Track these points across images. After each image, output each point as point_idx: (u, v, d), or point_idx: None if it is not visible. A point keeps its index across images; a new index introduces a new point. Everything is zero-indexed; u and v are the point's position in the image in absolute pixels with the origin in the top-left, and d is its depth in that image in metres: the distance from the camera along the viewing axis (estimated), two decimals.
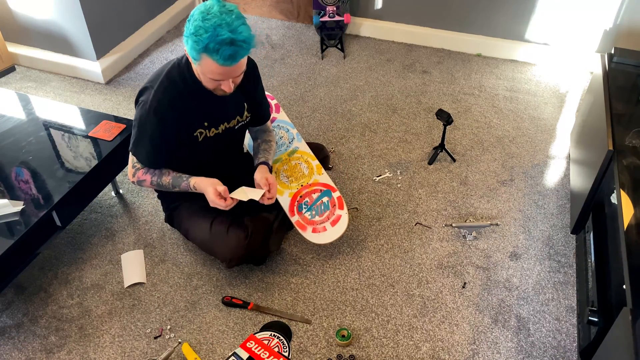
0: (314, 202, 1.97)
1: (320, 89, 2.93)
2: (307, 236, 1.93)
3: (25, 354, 1.74)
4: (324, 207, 1.97)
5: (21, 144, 2.02)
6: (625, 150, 1.73)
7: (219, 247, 1.85)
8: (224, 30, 1.48)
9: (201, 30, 1.49)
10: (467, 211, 2.22)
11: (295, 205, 1.96)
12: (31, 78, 3.00)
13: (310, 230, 1.93)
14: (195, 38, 1.50)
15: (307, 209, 1.96)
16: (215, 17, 1.49)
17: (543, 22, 2.96)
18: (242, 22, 1.52)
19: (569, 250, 2.05)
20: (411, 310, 1.85)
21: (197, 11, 1.52)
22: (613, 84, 2.03)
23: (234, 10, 1.53)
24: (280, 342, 1.72)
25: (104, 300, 1.90)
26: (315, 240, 1.93)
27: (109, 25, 2.95)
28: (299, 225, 1.94)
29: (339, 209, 1.97)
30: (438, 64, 3.11)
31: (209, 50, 1.50)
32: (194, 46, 1.52)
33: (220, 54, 1.50)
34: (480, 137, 2.59)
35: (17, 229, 1.71)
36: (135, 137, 1.74)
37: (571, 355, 1.73)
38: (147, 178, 1.79)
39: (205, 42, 1.49)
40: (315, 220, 1.95)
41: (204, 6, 1.52)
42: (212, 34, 1.48)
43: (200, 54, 1.53)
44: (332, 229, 1.94)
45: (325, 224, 1.95)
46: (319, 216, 1.95)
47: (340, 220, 1.95)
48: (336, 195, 1.99)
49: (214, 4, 1.51)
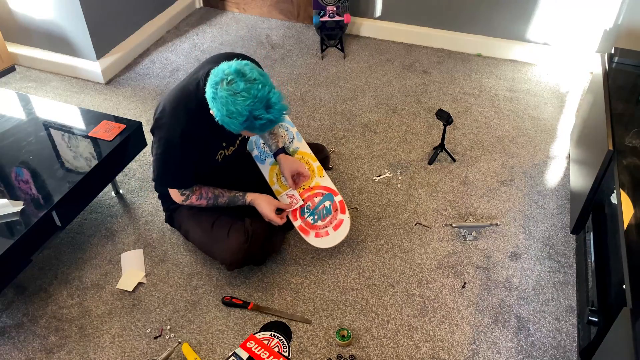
0: (316, 207, 1.98)
1: (320, 89, 2.93)
2: (310, 240, 1.94)
3: (25, 354, 1.74)
4: (326, 211, 1.97)
5: (21, 144, 2.02)
6: (625, 150, 1.73)
7: (219, 250, 1.85)
8: (260, 110, 1.47)
9: (235, 114, 1.47)
10: (467, 211, 2.22)
11: (298, 210, 1.96)
12: (31, 78, 3.00)
13: (313, 235, 1.94)
14: (231, 120, 1.49)
15: (309, 213, 1.97)
16: (246, 98, 1.45)
17: (543, 22, 2.96)
18: (269, 89, 1.48)
19: (569, 250, 2.05)
20: (411, 310, 1.85)
21: (220, 89, 1.46)
22: (613, 84, 2.03)
23: (257, 78, 1.47)
24: (280, 342, 1.72)
25: (104, 300, 1.90)
26: (318, 244, 1.94)
27: (109, 25, 2.95)
28: (301, 230, 1.94)
29: (341, 214, 1.98)
30: (438, 64, 3.11)
31: (249, 129, 1.53)
32: (230, 126, 1.52)
33: (262, 130, 1.54)
34: (480, 137, 2.59)
35: (17, 229, 1.71)
36: (163, 169, 1.74)
37: (571, 355, 1.73)
38: (203, 203, 1.84)
39: (244, 126, 1.50)
40: (317, 225, 1.95)
41: (225, 82, 1.46)
42: (248, 117, 1.47)
43: (239, 131, 1.55)
44: (335, 233, 1.95)
45: (328, 228, 1.95)
46: (321, 220, 1.96)
47: (343, 224, 1.96)
48: (338, 199, 1.99)
49: (237, 79, 1.46)
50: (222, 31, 3.42)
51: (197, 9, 3.67)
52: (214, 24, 3.49)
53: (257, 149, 2.09)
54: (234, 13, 3.61)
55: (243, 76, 1.46)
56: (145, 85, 2.95)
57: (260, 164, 2.06)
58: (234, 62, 1.51)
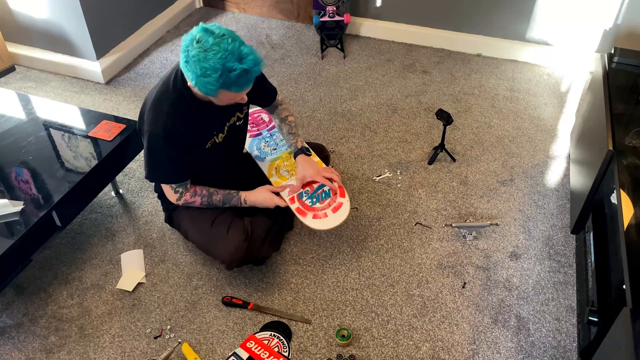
0: (315, 191, 1.92)
1: (320, 89, 2.93)
2: (307, 222, 1.84)
3: (25, 354, 1.74)
4: (324, 195, 1.91)
5: (21, 144, 2.02)
6: (625, 150, 1.73)
7: (219, 249, 1.85)
8: (233, 62, 1.44)
9: (209, 71, 1.44)
10: (467, 211, 2.22)
11: (296, 194, 1.91)
12: (31, 78, 3.00)
13: (310, 216, 1.85)
14: (206, 79, 1.46)
15: (307, 197, 1.90)
16: (218, 52, 1.43)
17: (543, 22, 2.96)
18: (240, 43, 1.47)
19: (569, 250, 2.05)
20: (411, 310, 1.85)
21: (192, 50, 1.45)
22: (613, 84, 2.03)
23: (225, 34, 1.47)
24: (280, 342, 1.72)
25: (104, 300, 1.90)
26: (316, 225, 1.84)
27: (109, 25, 2.95)
28: (299, 212, 1.87)
29: (340, 197, 1.90)
30: (438, 64, 3.11)
31: (225, 86, 1.48)
32: (207, 87, 1.48)
33: (239, 86, 1.49)
34: (480, 137, 2.59)
35: (17, 229, 1.71)
36: (152, 166, 1.73)
37: (571, 355, 1.73)
38: (197, 200, 1.82)
39: (220, 82, 1.46)
40: (316, 207, 1.88)
41: (197, 44, 1.45)
42: (222, 71, 1.44)
43: (216, 91, 1.50)
44: (333, 215, 1.86)
45: (327, 210, 1.87)
46: (319, 203, 1.89)
47: (342, 207, 1.88)
48: (337, 185, 1.92)
49: (207, 37, 1.44)
50: None
51: (197, 9, 3.67)
52: None
53: (257, 150, 2.07)
54: (234, 13, 3.61)
55: (212, 33, 1.46)
56: (145, 85, 2.95)
57: (260, 162, 2.05)
58: (200, 24, 1.51)
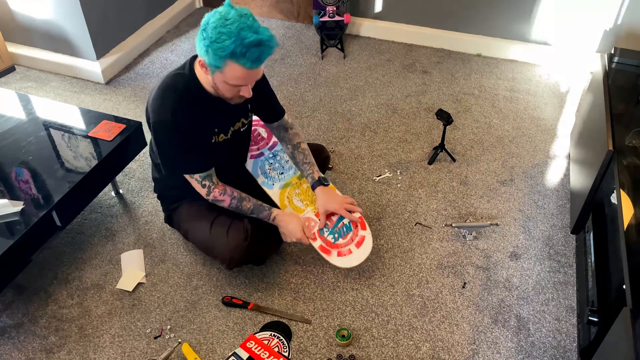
0: (335, 224, 1.88)
1: (320, 89, 2.93)
2: (332, 260, 1.82)
3: (25, 354, 1.74)
4: (345, 229, 1.87)
5: (21, 144, 2.02)
6: (625, 150, 1.73)
7: (219, 249, 1.84)
8: (249, 32, 1.45)
9: (224, 36, 1.45)
10: (467, 211, 2.22)
11: (316, 230, 1.87)
12: (31, 78, 3.00)
13: (335, 254, 1.83)
14: (219, 45, 1.46)
15: (329, 232, 1.87)
16: (236, 22, 1.45)
17: (543, 22, 2.96)
18: (259, 25, 1.50)
19: (569, 250, 2.05)
20: (411, 310, 1.85)
21: (212, 18, 1.48)
22: (613, 84, 2.03)
23: (249, 14, 1.50)
24: (280, 342, 1.72)
25: (104, 300, 1.90)
26: (342, 264, 1.83)
27: (109, 25, 2.95)
28: (323, 250, 1.83)
29: (361, 230, 1.87)
30: (438, 64, 3.11)
31: (235, 55, 1.47)
32: (218, 53, 1.48)
33: (248, 57, 1.48)
34: (480, 137, 2.59)
35: (17, 229, 1.71)
36: (166, 157, 1.72)
37: (571, 355, 1.73)
38: (226, 200, 1.78)
39: (231, 47, 1.45)
40: (339, 244, 1.85)
41: (219, 13, 1.48)
42: (237, 38, 1.44)
43: (225, 60, 1.49)
44: (358, 250, 1.84)
45: (350, 246, 1.84)
46: (342, 238, 1.86)
47: (365, 241, 1.85)
48: (357, 216, 1.89)
49: (230, 10, 1.48)
50: None
51: (197, 9, 3.67)
52: None
53: (263, 174, 1.98)
54: None
55: (236, 9, 1.48)
56: (145, 85, 2.95)
57: (268, 189, 1.95)
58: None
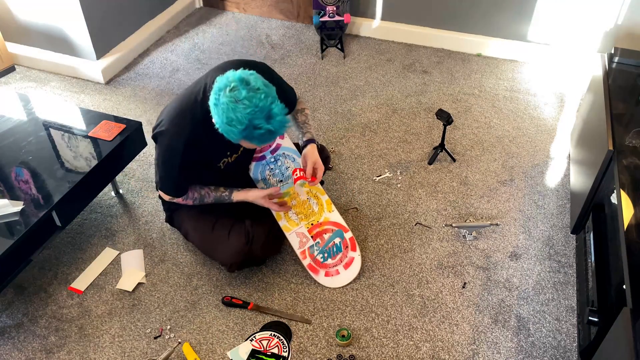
0: (325, 244, 1.93)
1: (320, 89, 2.93)
2: (320, 280, 1.91)
3: (25, 354, 1.74)
4: (336, 249, 1.93)
5: (21, 144, 2.02)
6: (625, 150, 1.73)
7: (220, 252, 1.85)
8: (260, 120, 1.44)
9: (234, 122, 1.44)
10: (467, 211, 2.22)
11: (307, 248, 1.92)
12: (31, 78, 3.00)
13: (322, 274, 1.91)
14: (230, 128, 1.47)
15: (319, 250, 1.92)
16: (247, 106, 1.43)
17: (543, 22, 2.96)
18: (272, 100, 1.47)
19: (569, 250, 2.05)
20: (411, 310, 1.85)
21: (223, 95, 1.45)
22: (613, 84, 2.03)
23: (260, 88, 1.46)
24: (280, 342, 1.73)
25: (104, 300, 1.90)
26: (328, 284, 1.91)
27: (109, 25, 2.95)
28: (311, 269, 1.91)
29: (351, 251, 1.94)
30: (438, 64, 3.11)
31: (247, 139, 1.50)
32: (229, 134, 1.49)
33: (261, 141, 1.51)
34: (480, 137, 2.59)
35: (17, 229, 1.71)
36: (161, 175, 1.75)
37: (571, 355, 1.73)
38: (189, 203, 1.83)
39: (243, 135, 1.47)
40: (327, 264, 1.92)
41: (228, 89, 1.45)
42: (247, 126, 1.44)
43: (237, 140, 1.52)
44: (345, 272, 1.92)
45: (338, 267, 1.92)
46: (331, 259, 1.92)
47: (354, 262, 1.93)
48: (348, 236, 1.96)
49: (240, 87, 1.44)
50: (222, 31, 3.42)
51: (197, 9, 3.67)
52: (214, 24, 3.49)
53: (262, 180, 1.98)
54: (234, 13, 3.61)
55: (246, 84, 1.45)
56: (145, 85, 2.95)
57: None
58: (239, 70, 1.50)
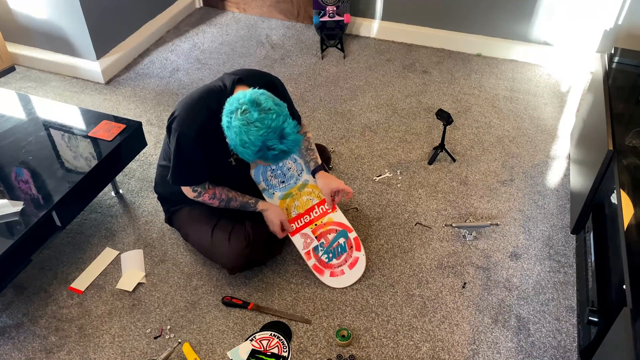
0: (330, 244, 1.94)
1: (320, 89, 2.93)
2: (325, 280, 1.91)
3: (25, 354, 1.74)
4: (340, 249, 1.94)
5: (21, 144, 2.02)
6: (625, 150, 1.73)
7: (220, 255, 1.85)
8: (273, 140, 1.46)
9: (248, 144, 1.46)
10: (467, 211, 2.22)
11: (312, 248, 1.93)
12: (31, 78, 3.00)
13: (327, 275, 1.91)
14: (245, 150, 1.48)
15: (323, 251, 1.93)
16: (259, 128, 1.44)
17: (543, 22, 2.96)
18: (284, 120, 1.47)
19: (569, 250, 2.05)
20: (411, 310, 1.85)
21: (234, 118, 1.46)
22: (613, 84, 2.03)
23: (272, 108, 1.46)
24: (280, 342, 1.73)
25: (104, 300, 1.90)
26: (334, 284, 1.91)
27: (109, 25, 2.95)
28: (316, 269, 1.91)
29: (356, 251, 1.95)
30: (438, 64, 3.11)
31: (261, 159, 1.52)
32: (244, 155, 1.52)
33: (275, 161, 1.54)
34: (480, 137, 2.59)
35: (17, 229, 1.71)
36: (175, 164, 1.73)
37: (571, 355, 1.73)
38: (215, 203, 1.82)
39: (257, 156, 1.49)
40: (332, 264, 1.92)
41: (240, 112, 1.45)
42: (261, 147, 1.46)
43: (252, 161, 1.55)
44: (350, 272, 1.92)
45: (343, 267, 1.92)
46: (336, 259, 1.93)
47: (358, 262, 1.94)
48: (352, 236, 1.96)
49: (251, 109, 1.45)
50: (222, 31, 3.42)
51: (197, 9, 3.67)
52: (214, 24, 3.49)
53: (264, 181, 1.95)
54: (234, 13, 3.61)
55: (257, 106, 1.45)
56: (145, 85, 2.95)
57: (269, 198, 1.94)
58: (249, 90, 1.51)
